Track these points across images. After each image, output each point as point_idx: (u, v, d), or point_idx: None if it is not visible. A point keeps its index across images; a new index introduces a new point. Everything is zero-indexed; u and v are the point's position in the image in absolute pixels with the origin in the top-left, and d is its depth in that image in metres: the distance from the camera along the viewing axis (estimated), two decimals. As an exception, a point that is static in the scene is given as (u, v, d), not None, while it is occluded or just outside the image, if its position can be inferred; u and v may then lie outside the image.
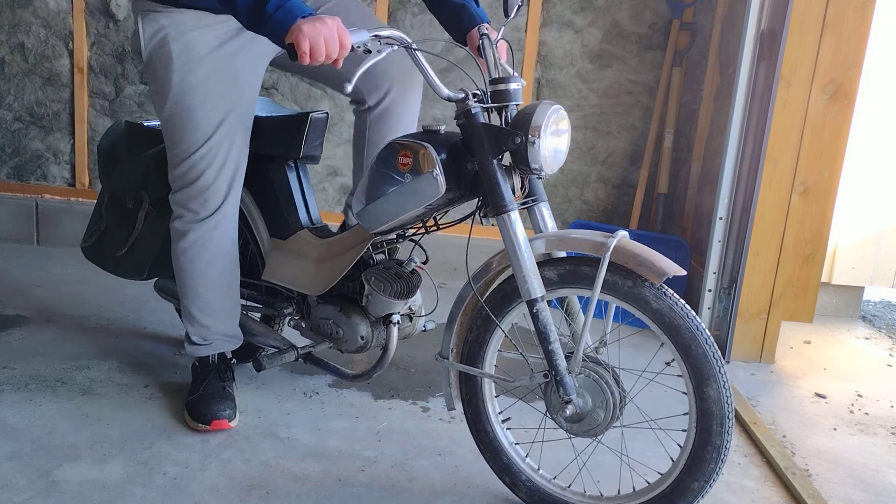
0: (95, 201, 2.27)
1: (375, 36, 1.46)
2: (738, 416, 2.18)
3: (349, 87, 1.41)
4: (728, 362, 2.61)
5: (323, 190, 3.47)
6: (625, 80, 3.32)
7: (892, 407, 2.37)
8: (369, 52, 1.45)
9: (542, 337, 1.51)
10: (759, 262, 2.55)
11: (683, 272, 1.42)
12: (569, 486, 1.65)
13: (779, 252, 2.54)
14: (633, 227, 3.29)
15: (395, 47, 1.48)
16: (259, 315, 2.21)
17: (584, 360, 1.52)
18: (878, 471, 1.96)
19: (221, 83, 1.79)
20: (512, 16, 1.69)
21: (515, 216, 1.51)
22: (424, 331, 2.02)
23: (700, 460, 1.44)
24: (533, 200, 1.60)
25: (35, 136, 3.51)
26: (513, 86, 1.54)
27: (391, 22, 3.29)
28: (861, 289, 3.27)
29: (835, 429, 2.19)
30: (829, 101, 2.44)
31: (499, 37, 1.71)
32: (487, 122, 1.54)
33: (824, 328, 3.09)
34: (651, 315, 1.44)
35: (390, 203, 1.62)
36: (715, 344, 1.43)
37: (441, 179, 1.54)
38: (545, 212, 1.62)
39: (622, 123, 3.36)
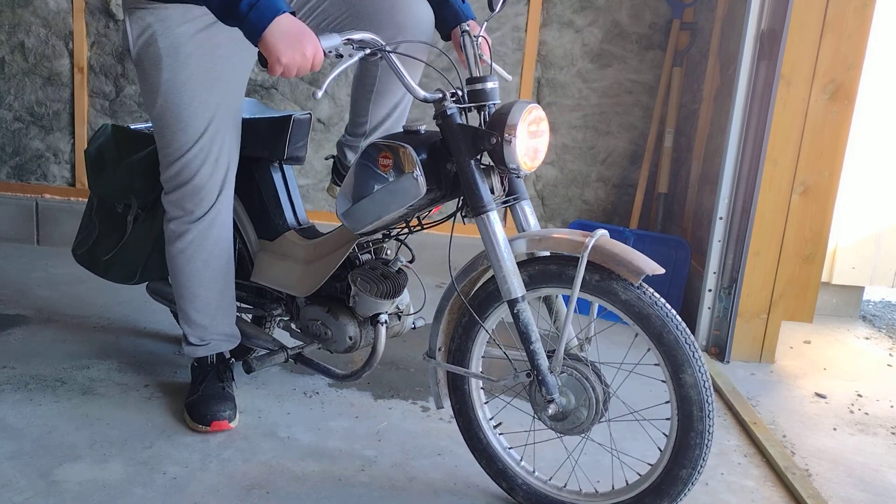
0: (85, 207, 2.26)
1: (348, 40, 1.45)
2: (738, 416, 2.18)
3: (318, 94, 1.39)
4: (728, 362, 2.61)
5: (324, 189, 3.47)
6: (625, 80, 3.32)
7: (892, 407, 2.37)
8: (341, 56, 1.45)
9: (524, 337, 1.52)
10: (759, 262, 2.55)
11: (661, 270, 1.42)
12: (564, 486, 1.65)
13: (779, 252, 2.54)
14: (633, 226, 3.29)
15: (368, 50, 1.48)
16: (250, 316, 2.21)
17: (565, 359, 1.52)
18: (878, 471, 1.97)
19: (209, 78, 1.76)
20: (497, 9, 1.67)
21: (494, 216, 1.51)
22: (414, 328, 2.01)
23: (685, 447, 1.45)
24: (514, 199, 1.60)
25: (35, 135, 3.51)
26: (489, 85, 1.53)
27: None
28: (861, 289, 3.27)
29: (835, 429, 2.19)
30: (829, 101, 2.44)
31: (481, 32, 1.70)
32: (464, 122, 1.54)
33: (824, 328, 3.09)
34: (621, 306, 1.45)
35: (373, 204, 1.63)
36: (688, 329, 1.44)
37: (421, 180, 1.54)
38: (527, 210, 1.61)
39: (622, 123, 3.36)
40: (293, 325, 2.03)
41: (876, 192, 3.12)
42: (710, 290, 2.67)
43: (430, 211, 1.73)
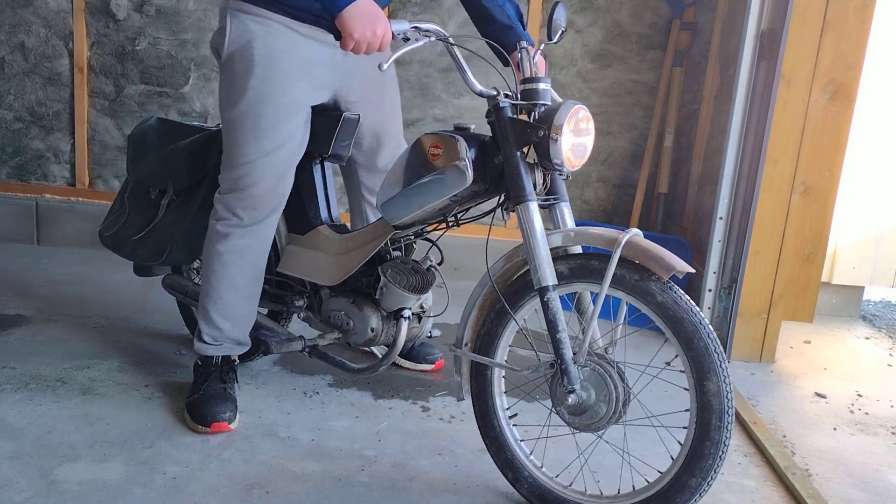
0: (118, 190, 2.31)
1: (415, 27, 1.56)
2: (738, 416, 2.18)
3: (384, 66, 1.48)
4: (728, 362, 2.61)
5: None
6: (625, 80, 3.32)
7: (892, 407, 2.37)
8: (408, 39, 1.56)
9: (551, 325, 1.53)
10: (759, 261, 2.55)
11: (692, 270, 1.45)
12: (570, 485, 1.65)
13: (779, 252, 2.54)
14: (634, 226, 3.29)
15: (433, 38, 1.56)
16: (266, 311, 2.22)
17: (590, 355, 1.54)
18: (878, 471, 1.97)
19: (299, 99, 1.83)
20: (555, 40, 1.75)
21: (534, 207, 1.55)
22: (430, 336, 2.07)
23: (698, 456, 1.44)
24: (555, 199, 1.64)
25: (35, 135, 3.51)
26: (541, 86, 1.60)
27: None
28: (861, 289, 3.28)
29: (835, 428, 2.19)
30: (829, 101, 2.44)
31: (538, 51, 1.76)
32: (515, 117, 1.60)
33: (824, 328, 3.09)
34: (655, 308, 1.46)
35: (416, 194, 1.67)
36: (718, 340, 1.44)
37: (469, 171, 1.58)
38: (566, 211, 1.65)
39: (623, 123, 3.36)
40: (314, 316, 2.06)
41: (876, 192, 3.12)
42: (710, 290, 2.67)
43: (466, 210, 1.76)
